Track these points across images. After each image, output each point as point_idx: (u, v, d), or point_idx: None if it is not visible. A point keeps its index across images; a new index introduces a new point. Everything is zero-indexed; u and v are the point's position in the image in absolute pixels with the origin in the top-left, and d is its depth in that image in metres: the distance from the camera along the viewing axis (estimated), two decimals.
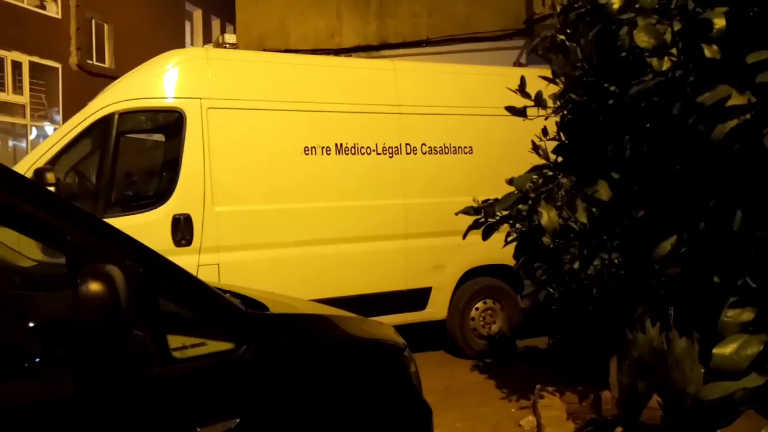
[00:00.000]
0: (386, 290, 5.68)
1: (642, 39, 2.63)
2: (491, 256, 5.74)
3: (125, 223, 3.99)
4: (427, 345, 6.24)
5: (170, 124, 5.14)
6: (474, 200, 4.21)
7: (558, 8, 3.72)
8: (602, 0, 2.99)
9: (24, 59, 15.07)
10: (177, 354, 1.80)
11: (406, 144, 5.86)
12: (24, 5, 15.29)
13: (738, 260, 2.54)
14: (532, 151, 3.87)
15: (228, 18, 20.00)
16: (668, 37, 2.63)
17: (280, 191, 5.31)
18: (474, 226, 4.15)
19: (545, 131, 3.88)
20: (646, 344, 3.08)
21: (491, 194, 4.23)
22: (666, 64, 2.65)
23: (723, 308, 2.31)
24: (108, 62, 17.88)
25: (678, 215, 2.83)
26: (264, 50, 9.70)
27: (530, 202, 3.78)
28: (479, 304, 6.21)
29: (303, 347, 2.16)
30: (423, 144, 5.92)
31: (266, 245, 5.20)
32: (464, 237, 4.22)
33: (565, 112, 3.79)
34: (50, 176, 4.42)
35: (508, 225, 4.15)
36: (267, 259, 5.17)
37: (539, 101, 3.79)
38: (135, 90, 5.05)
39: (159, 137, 5.75)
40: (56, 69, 16.02)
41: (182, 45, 20.51)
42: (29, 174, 4.44)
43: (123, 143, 5.04)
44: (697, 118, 2.56)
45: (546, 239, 3.78)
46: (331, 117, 5.56)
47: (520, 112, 3.84)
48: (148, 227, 4.60)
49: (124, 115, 4.94)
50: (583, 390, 4.52)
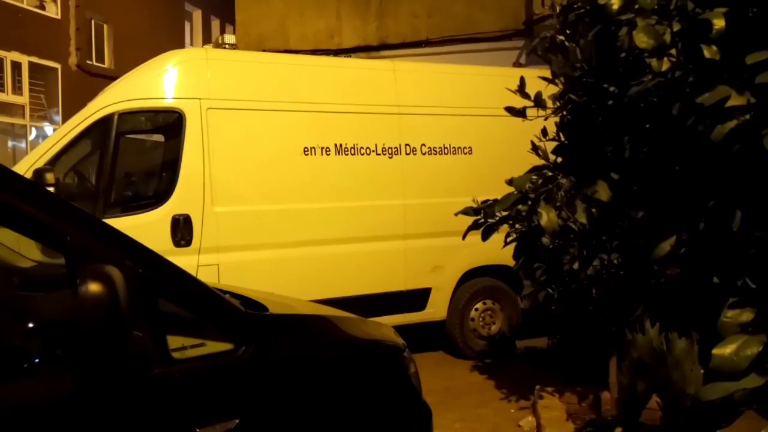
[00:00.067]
0: (386, 291, 5.68)
1: (641, 40, 2.63)
2: (491, 257, 5.74)
3: (125, 224, 3.98)
4: (427, 345, 6.23)
5: (170, 125, 5.14)
6: (473, 201, 4.20)
7: (557, 9, 3.71)
8: (602, 0, 2.98)
9: (23, 59, 15.07)
10: (176, 354, 1.80)
11: (406, 144, 5.86)
12: (23, 5, 15.29)
13: (737, 261, 2.54)
14: (532, 152, 3.87)
15: (228, 18, 20.00)
16: (667, 38, 2.62)
17: (280, 192, 5.31)
18: (473, 227, 4.14)
19: (545, 132, 3.88)
20: (646, 345, 3.08)
21: (491, 195, 4.22)
22: (665, 65, 2.65)
23: (722, 309, 2.30)
24: (107, 63, 17.89)
25: (677, 216, 2.83)
26: (264, 51, 9.70)
27: (530, 203, 3.77)
28: (479, 305, 6.21)
29: (302, 348, 2.16)
30: (423, 144, 5.93)
31: (266, 246, 5.20)
32: (464, 237, 4.22)
33: (565, 113, 3.78)
34: (50, 177, 4.42)
35: (508, 225, 4.15)
36: (266, 260, 5.17)
37: (539, 102, 3.79)
38: (134, 90, 5.05)
39: (158, 138, 5.75)
40: (56, 69, 16.02)
41: (182, 45, 20.51)
42: (29, 174, 4.45)
43: (122, 143, 5.05)
44: (697, 119, 2.56)
45: (545, 240, 3.78)
46: (331, 117, 5.57)
47: (520, 113, 3.83)
48: (148, 228, 4.61)
49: (124, 116, 4.94)
50: (583, 390, 4.53)
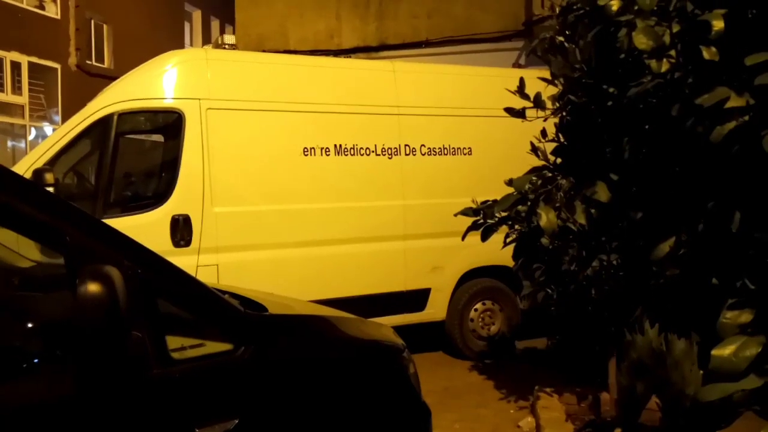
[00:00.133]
0: (385, 291, 5.68)
1: (641, 41, 2.63)
2: (490, 257, 5.74)
3: (124, 224, 3.98)
4: (426, 346, 6.24)
5: (169, 125, 5.14)
6: (473, 201, 4.20)
7: (557, 10, 3.71)
8: (601, 2, 2.98)
9: (23, 59, 15.07)
10: (176, 355, 1.80)
11: (406, 145, 5.86)
12: (23, 5, 15.28)
13: (737, 262, 2.54)
14: (531, 153, 3.87)
15: (227, 19, 20.00)
16: (667, 39, 2.63)
17: (280, 192, 5.31)
18: (473, 228, 4.14)
19: (544, 132, 3.87)
20: (645, 345, 3.07)
21: (490, 195, 4.22)
22: (665, 66, 2.65)
23: (722, 310, 2.31)
24: (107, 63, 17.88)
25: (677, 217, 2.83)
26: (263, 51, 9.70)
27: (529, 204, 3.77)
28: (478, 305, 6.22)
29: (302, 348, 2.16)
30: (422, 145, 5.93)
31: (265, 246, 5.20)
32: (463, 238, 4.22)
33: (564, 114, 3.78)
34: (49, 177, 4.42)
35: (507, 226, 4.15)
36: (266, 260, 5.17)
37: (538, 102, 3.79)
38: (134, 90, 5.05)
39: (158, 138, 5.75)
40: (55, 69, 16.02)
41: (181, 46, 20.51)
42: (28, 174, 4.45)
43: (122, 144, 5.05)
44: (696, 120, 2.56)
45: (545, 240, 3.78)
46: (331, 118, 5.57)
47: (519, 114, 3.83)
48: (147, 228, 4.61)
49: (124, 116, 4.94)
50: (582, 391, 4.53)
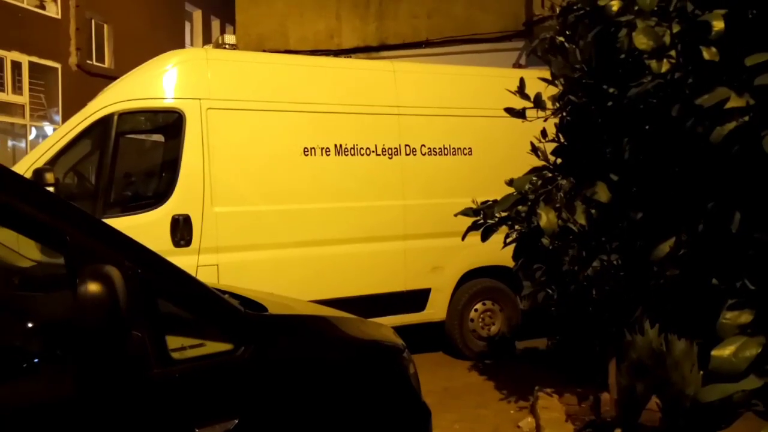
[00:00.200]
0: (385, 291, 5.68)
1: (641, 41, 2.63)
2: (490, 258, 5.74)
3: (124, 224, 3.98)
4: (426, 346, 6.23)
5: (170, 125, 5.14)
6: (473, 201, 4.21)
7: (557, 10, 3.72)
8: (601, 2, 2.99)
9: (23, 59, 15.07)
10: (176, 355, 1.80)
11: (406, 145, 5.86)
12: (24, 5, 15.28)
13: (736, 262, 2.54)
14: (531, 153, 3.88)
15: (228, 19, 20.01)
16: (667, 40, 2.63)
17: (280, 192, 5.31)
18: (473, 228, 4.15)
19: (544, 133, 3.88)
20: (645, 346, 3.08)
21: (490, 195, 4.22)
22: (665, 66, 2.65)
23: (722, 310, 2.31)
24: (107, 62, 17.88)
25: (677, 217, 2.83)
26: (263, 51, 9.70)
27: (529, 204, 3.78)
28: (478, 306, 6.21)
29: (302, 348, 2.16)
30: (422, 145, 5.93)
31: (265, 246, 5.20)
32: (463, 238, 4.22)
33: (564, 114, 3.78)
34: (49, 176, 4.42)
35: (507, 226, 4.15)
36: (266, 260, 5.17)
37: (538, 103, 3.79)
38: (134, 90, 5.05)
39: (158, 138, 5.75)
40: (56, 69, 16.02)
41: (182, 45, 20.51)
42: (28, 174, 4.45)
43: (122, 144, 5.05)
44: (696, 120, 2.56)
45: (545, 241, 3.78)
46: (331, 118, 5.57)
47: (519, 114, 3.83)
48: (148, 228, 4.61)
49: (124, 116, 4.94)
50: (582, 391, 4.53)
